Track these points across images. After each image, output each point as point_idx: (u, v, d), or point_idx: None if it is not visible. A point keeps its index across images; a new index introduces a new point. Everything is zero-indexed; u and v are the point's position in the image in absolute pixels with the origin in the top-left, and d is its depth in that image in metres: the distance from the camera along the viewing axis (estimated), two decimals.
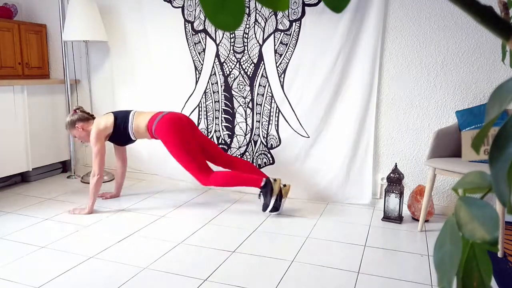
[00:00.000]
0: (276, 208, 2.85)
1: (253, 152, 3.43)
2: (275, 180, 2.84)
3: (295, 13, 3.12)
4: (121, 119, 2.97)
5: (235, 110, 3.43)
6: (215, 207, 3.09)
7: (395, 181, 2.80)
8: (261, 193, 2.86)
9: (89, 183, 3.12)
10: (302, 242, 2.48)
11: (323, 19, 3.04)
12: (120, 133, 2.98)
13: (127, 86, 3.76)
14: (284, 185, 2.88)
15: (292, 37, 3.15)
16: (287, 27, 3.16)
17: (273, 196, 2.82)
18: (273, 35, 3.20)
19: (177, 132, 2.86)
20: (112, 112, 3.05)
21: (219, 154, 3.10)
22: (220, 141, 3.52)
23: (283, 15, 3.15)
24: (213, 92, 3.46)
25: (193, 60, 3.47)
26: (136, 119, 2.97)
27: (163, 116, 2.91)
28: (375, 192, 3.15)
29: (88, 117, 3.04)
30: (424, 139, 2.98)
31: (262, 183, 2.81)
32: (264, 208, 2.86)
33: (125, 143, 3.13)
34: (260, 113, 3.36)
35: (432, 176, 2.56)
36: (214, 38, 3.37)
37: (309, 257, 2.28)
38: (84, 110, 3.11)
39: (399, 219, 2.81)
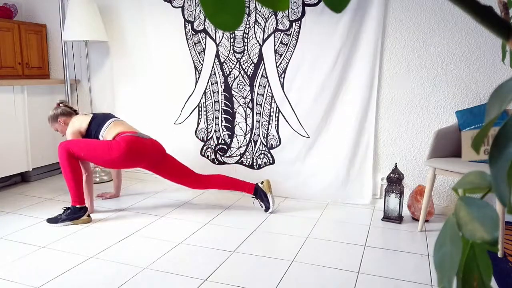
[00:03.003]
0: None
1: (253, 152, 3.43)
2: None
3: (295, 13, 3.12)
4: (96, 124, 2.90)
5: (235, 110, 3.43)
6: (215, 207, 3.09)
7: (395, 181, 2.80)
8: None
9: None
10: (302, 242, 2.48)
11: (323, 19, 3.04)
12: (90, 137, 2.92)
13: (127, 86, 3.76)
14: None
15: (292, 37, 3.15)
16: (287, 27, 3.15)
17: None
18: (273, 35, 3.20)
19: (120, 147, 2.70)
20: (92, 114, 3.00)
21: (188, 174, 2.99)
22: (220, 141, 3.52)
23: (283, 15, 3.15)
24: (213, 92, 3.46)
25: (193, 60, 3.47)
26: (110, 130, 2.86)
27: (128, 136, 2.76)
28: (375, 192, 3.15)
29: (71, 112, 3.03)
30: (424, 139, 2.98)
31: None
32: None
33: None
34: (260, 113, 3.36)
35: (432, 176, 2.56)
36: (214, 38, 3.37)
37: (309, 257, 2.28)
38: (68, 104, 3.11)
39: (399, 219, 2.81)
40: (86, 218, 2.74)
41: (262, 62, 3.26)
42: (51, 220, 2.70)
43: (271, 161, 3.39)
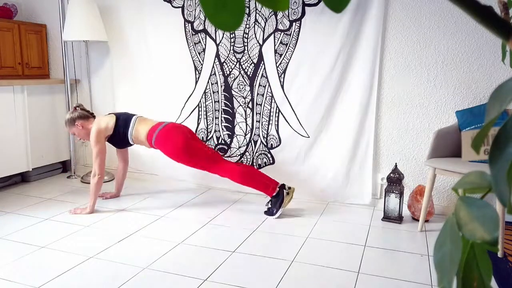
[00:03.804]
0: (271, 213, 2.88)
1: (253, 152, 3.43)
2: (288, 193, 2.87)
3: (295, 13, 3.12)
4: (123, 122, 2.95)
5: (235, 110, 3.43)
6: (215, 207, 3.09)
7: (395, 181, 2.80)
8: (269, 202, 2.90)
9: (89, 183, 3.12)
10: (302, 242, 2.48)
11: (323, 19, 3.04)
12: (119, 137, 2.96)
13: (127, 86, 3.76)
14: (288, 193, 2.88)
15: (292, 37, 3.15)
16: (287, 27, 3.15)
17: (282, 208, 2.85)
18: (273, 35, 3.20)
19: (175, 141, 2.84)
20: (114, 114, 3.03)
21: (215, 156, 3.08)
22: (220, 141, 3.52)
23: (283, 15, 3.15)
24: (213, 92, 3.46)
25: (193, 60, 3.47)
26: (138, 126, 2.94)
27: (163, 127, 2.89)
28: (375, 192, 3.15)
29: (88, 115, 3.04)
30: (424, 139, 2.98)
31: (275, 193, 2.86)
32: (269, 213, 2.89)
33: (123, 146, 3.12)
34: (260, 113, 3.36)
35: (432, 176, 2.56)
36: (214, 38, 3.37)
37: (309, 257, 2.28)
38: (84, 108, 3.10)
39: (399, 219, 2.81)
40: (288, 196, 2.85)
41: (262, 62, 3.27)
42: (267, 213, 2.89)
43: (271, 161, 3.39)
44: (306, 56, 3.13)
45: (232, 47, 3.33)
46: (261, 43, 3.24)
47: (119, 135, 2.95)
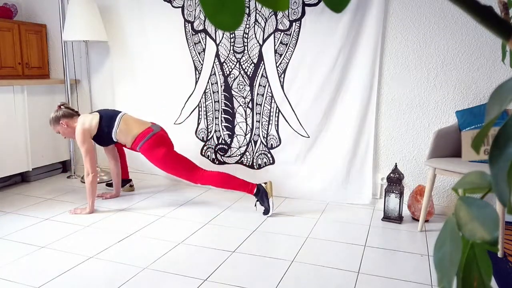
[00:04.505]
0: (267, 210, 2.88)
1: (253, 152, 3.43)
2: (265, 183, 2.90)
3: (295, 13, 3.12)
4: (106, 121, 2.94)
5: (235, 110, 3.43)
6: (215, 207, 3.09)
7: (395, 181, 2.80)
8: (257, 202, 2.91)
9: None
10: (302, 242, 2.48)
11: (323, 19, 3.04)
12: (103, 135, 2.95)
13: (127, 86, 3.76)
14: (265, 183, 2.91)
15: (292, 37, 3.15)
16: (287, 27, 3.15)
17: (270, 198, 2.86)
18: (273, 35, 3.20)
19: (161, 153, 2.89)
20: (98, 112, 3.01)
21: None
22: (220, 141, 3.52)
23: (283, 15, 3.15)
24: (213, 92, 3.46)
25: (193, 60, 3.47)
26: (123, 126, 2.93)
27: (152, 136, 2.90)
28: (375, 192, 3.15)
29: (73, 114, 3.01)
30: (424, 139, 2.98)
31: (255, 190, 2.87)
32: (266, 212, 2.90)
33: (107, 144, 3.11)
34: (260, 113, 3.36)
35: (432, 176, 2.56)
36: (214, 38, 3.37)
37: (309, 257, 2.28)
38: (69, 106, 3.09)
39: (399, 219, 2.81)
40: (268, 186, 2.88)
41: (262, 62, 3.26)
42: (265, 213, 2.90)
43: (271, 161, 3.39)
44: (306, 56, 3.13)
45: (232, 47, 3.33)
46: (261, 43, 3.24)
47: (103, 134, 2.95)
